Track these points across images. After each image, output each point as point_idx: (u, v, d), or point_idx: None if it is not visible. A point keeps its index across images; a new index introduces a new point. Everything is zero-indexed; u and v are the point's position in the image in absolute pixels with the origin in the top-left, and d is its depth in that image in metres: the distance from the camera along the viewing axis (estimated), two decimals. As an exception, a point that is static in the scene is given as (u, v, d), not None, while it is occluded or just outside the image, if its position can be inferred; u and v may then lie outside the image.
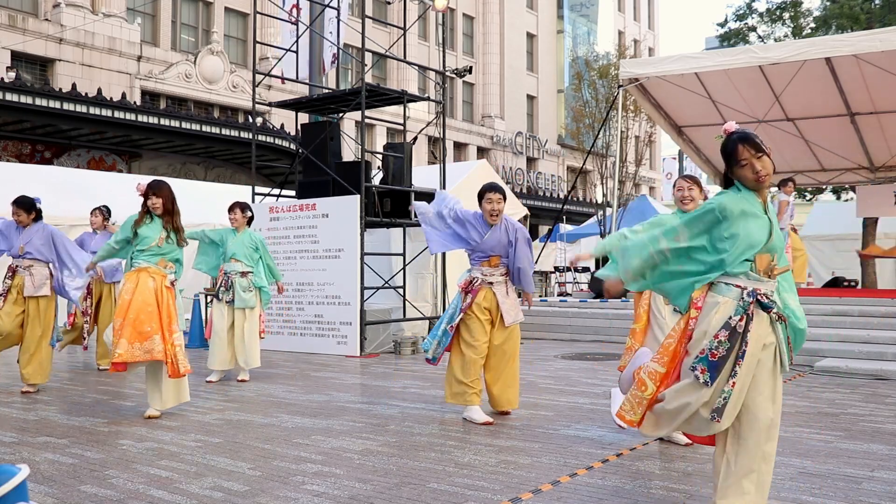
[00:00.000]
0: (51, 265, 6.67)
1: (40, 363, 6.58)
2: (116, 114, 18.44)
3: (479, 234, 5.51)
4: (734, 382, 2.98)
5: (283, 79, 12.25)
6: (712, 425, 3.02)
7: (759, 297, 3.01)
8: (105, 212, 8.27)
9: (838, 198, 23.39)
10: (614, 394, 5.04)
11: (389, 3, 12.57)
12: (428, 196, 10.41)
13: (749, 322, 2.98)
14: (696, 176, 4.97)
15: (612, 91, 18.99)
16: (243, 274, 7.28)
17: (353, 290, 9.37)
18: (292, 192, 11.34)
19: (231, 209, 7.42)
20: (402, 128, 11.50)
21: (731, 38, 23.41)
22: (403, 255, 10.78)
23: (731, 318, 2.99)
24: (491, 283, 5.53)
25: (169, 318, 5.41)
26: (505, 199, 5.60)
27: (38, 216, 6.72)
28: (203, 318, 10.56)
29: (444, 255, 10.74)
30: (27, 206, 6.60)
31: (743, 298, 3.00)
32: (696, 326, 3.07)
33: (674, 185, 4.98)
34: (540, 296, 15.82)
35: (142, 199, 5.61)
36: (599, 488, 3.73)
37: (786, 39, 21.02)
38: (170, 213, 5.58)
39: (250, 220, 7.51)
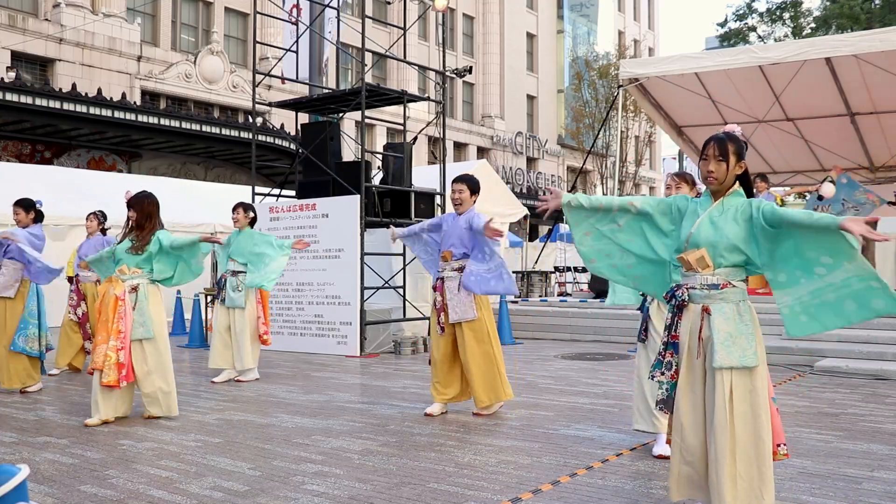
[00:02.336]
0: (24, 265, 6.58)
1: (9, 367, 6.50)
2: (116, 114, 18.46)
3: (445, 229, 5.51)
4: (672, 374, 3.10)
5: (283, 79, 12.24)
6: (665, 417, 3.21)
7: (689, 290, 3.08)
8: (100, 216, 8.13)
9: (838, 198, 23.36)
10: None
11: (389, 3, 12.57)
12: (428, 196, 10.41)
13: (678, 315, 3.11)
14: (688, 173, 4.70)
15: (612, 91, 19.00)
16: (234, 273, 7.30)
17: (353, 290, 9.36)
18: (292, 192, 11.34)
19: (234, 209, 7.44)
20: (402, 128, 11.50)
21: (731, 38, 23.43)
22: (403, 255, 10.77)
23: (667, 317, 3.18)
24: (442, 280, 5.52)
25: (115, 327, 5.27)
26: (471, 190, 5.48)
27: (38, 218, 6.73)
28: (203, 318, 10.56)
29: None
30: (25, 206, 6.63)
31: (675, 296, 3.12)
32: None
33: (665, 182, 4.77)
34: (540, 296, 15.82)
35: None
36: (599, 488, 3.73)
37: (786, 39, 21.01)
38: (139, 228, 5.46)
39: (253, 221, 7.51)
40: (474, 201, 5.54)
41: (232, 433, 4.96)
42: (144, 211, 5.48)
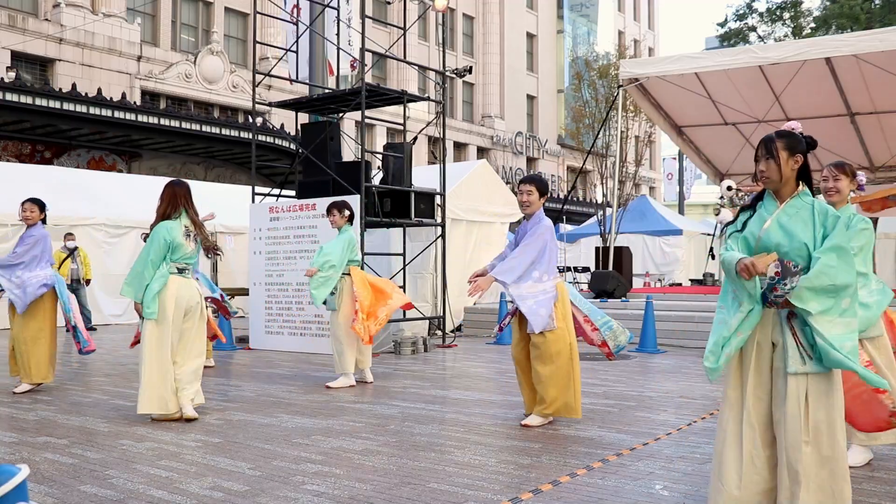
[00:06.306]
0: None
1: (31, 362, 6.69)
2: (116, 114, 18.47)
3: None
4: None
5: (290, 80, 12.25)
6: None
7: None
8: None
9: (838, 198, 23.38)
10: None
11: (389, 3, 12.57)
12: (428, 196, 10.41)
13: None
14: (847, 163, 4.14)
15: (612, 91, 19.00)
16: None
17: (353, 290, 9.35)
18: (292, 192, 11.34)
19: (328, 211, 7.09)
20: (402, 128, 11.50)
21: (731, 38, 23.45)
22: (403, 255, 10.78)
23: None
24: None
25: None
26: (540, 191, 5.19)
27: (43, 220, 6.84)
28: None
29: (444, 255, 10.75)
30: (40, 205, 6.77)
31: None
32: None
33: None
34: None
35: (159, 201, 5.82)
36: (599, 488, 3.73)
37: (786, 39, 21.02)
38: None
39: (350, 219, 7.12)
40: (542, 203, 5.25)
41: (232, 433, 4.96)
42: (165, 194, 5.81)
